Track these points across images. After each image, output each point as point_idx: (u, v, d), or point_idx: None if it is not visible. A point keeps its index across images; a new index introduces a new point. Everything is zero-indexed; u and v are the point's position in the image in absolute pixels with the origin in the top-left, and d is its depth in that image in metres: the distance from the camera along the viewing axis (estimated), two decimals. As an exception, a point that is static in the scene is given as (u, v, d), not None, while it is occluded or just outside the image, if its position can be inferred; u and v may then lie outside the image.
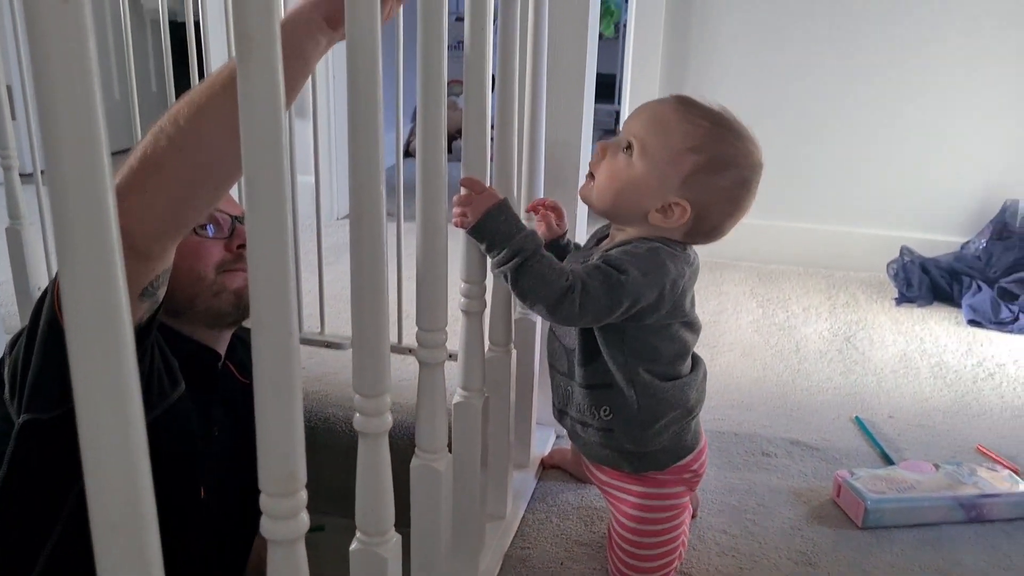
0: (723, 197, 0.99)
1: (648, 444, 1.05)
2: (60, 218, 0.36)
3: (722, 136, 0.98)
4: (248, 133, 0.47)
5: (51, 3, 0.34)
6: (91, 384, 0.39)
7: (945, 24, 2.33)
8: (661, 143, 0.98)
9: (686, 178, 0.97)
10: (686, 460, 1.07)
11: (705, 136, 0.97)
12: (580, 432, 1.09)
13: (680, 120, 0.98)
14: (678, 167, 0.97)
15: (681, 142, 0.97)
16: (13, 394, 0.92)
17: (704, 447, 1.11)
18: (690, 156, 0.97)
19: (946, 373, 1.84)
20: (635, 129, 1.00)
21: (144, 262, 0.84)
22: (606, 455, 1.08)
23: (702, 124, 0.98)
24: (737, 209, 1.01)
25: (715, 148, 0.97)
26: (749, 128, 1.01)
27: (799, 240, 2.53)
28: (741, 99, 2.41)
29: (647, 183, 0.98)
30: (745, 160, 0.99)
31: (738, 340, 1.98)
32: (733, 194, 1.00)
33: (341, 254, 2.38)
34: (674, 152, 0.97)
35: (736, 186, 0.99)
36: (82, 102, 0.35)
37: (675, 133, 0.97)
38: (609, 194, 1.01)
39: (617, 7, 4.62)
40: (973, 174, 2.42)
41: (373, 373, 0.70)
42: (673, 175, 0.97)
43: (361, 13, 0.62)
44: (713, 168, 0.97)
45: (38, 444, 0.91)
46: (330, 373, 1.63)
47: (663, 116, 0.99)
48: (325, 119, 2.65)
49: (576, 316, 0.95)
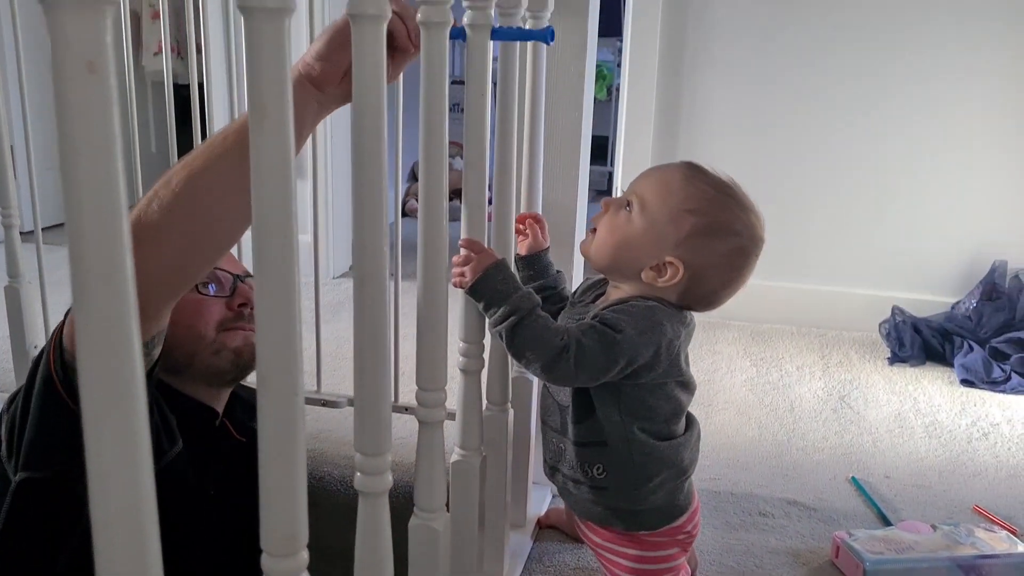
0: (720, 263, 1.00)
1: (641, 503, 1.04)
2: (79, 276, 0.37)
3: (725, 204, 0.99)
4: (259, 200, 0.49)
5: (78, 75, 0.36)
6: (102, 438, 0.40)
7: (933, 87, 2.38)
8: (661, 201, 0.99)
9: (683, 239, 0.98)
10: (680, 522, 1.07)
11: (708, 201, 0.98)
12: (572, 489, 1.08)
13: (684, 183, 0.99)
14: (676, 227, 0.98)
15: (682, 203, 0.98)
16: (11, 453, 0.92)
17: (697, 508, 1.11)
18: (689, 217, 0.98)
19: (941, 433, 1.84)
20: (638, 188, 1.02)
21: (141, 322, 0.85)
22: (598, 512, 1.07)
23: (706, 190, 0.99)
24: (733, 278, 1.01)
25: (716, 214, 0.98)
26: (756, 203, 1.02)
27: (792, 300, 2.54)
28: (732, 160, 2.45)
29: (644, 239, 0.99)
30: (746, 231, 1.00)
31: (732, 399, 1.99)
32: (730, 262, 1.00)
33: (338, 312, 2.39)
34: (674, 211, 0.98)
35: (734, 254, 1.00)
36: (105, 168, 0.37)
37: (677, 194, 0.99)
38: (606, 249, 1.02)
39: (610, 71, 4.72)
40: (962, 235, 2.46)
41: (374, 432, 0.70)
42: (671, 234, 0.98)
43: (367, 78, 0.64)
44: (712, 232, 0.98)
45: (34, 502, 0.91)
46: (326, 431, 1.63)
47: (668, 178, 1.01)
48: (323, 179, 2.68)
49: (571, 376, 0.95)
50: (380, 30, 0.63)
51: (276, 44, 0.48)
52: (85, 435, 0.40)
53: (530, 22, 1.11)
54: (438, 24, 0.76)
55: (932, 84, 2.38)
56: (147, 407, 0.91)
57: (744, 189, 1.02)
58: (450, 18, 0.77)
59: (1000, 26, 2.31)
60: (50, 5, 0.35)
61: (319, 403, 1.76)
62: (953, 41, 2.35)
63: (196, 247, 0.83)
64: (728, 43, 2.46)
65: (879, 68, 2.40)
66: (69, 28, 0.35)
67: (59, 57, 0.35)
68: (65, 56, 0.35)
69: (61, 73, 0.36)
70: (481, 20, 0.86)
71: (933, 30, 2.35)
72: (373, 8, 0.62)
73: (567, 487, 1.09)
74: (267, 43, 0.47)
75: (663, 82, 2.52)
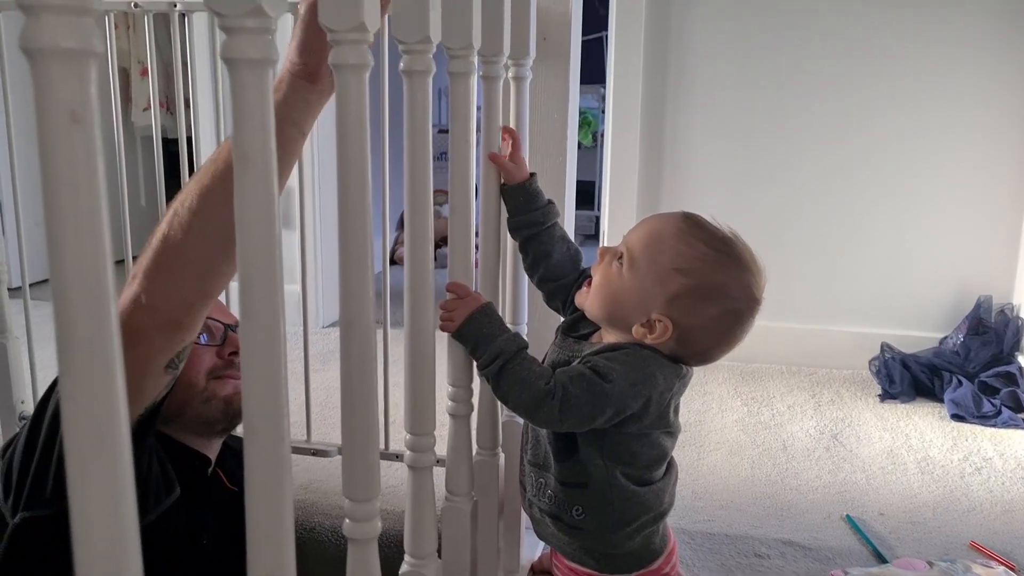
0: (710, 325, 0.96)
1: (617, 547, 1.02)
2: (64, 328, 0.38)
3: (719, 263, 0.95)
4: (244, 248, 0.49)
5: (61, 124, 0.36)
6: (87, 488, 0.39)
7: (916, 123, 2.42)
8: (651, 259, 0.95)
9: (671, 299, 0.94)
10: (656, 565, 1.04)
11: (699, 260, 0.94)
12: (549, 524, 1.05)
13: (676, 239, 0.95)
14: (664, 286, 0.94)
15: (671, 261, 0.94)
16: (7, 494, 0.92)
17: (674, 548, 1.07)
18: (678, 277, 0.94)
19: (933, 468, 1.84)
20: (631, 239, 0.99)
21: (175, 332, 0.87)
22: (573, 551, 1.05)
23: (699, 247, 0.95)
24: (726, 339, 0.98)
25: (707, 274, 0.94)
26: (757, 257, 0.97)
27: (781, 339, 2.55)
28: (716, 202, 2.49)
29: (632, 296, 0.96)
30: (740, 292, 0.95)
31: (724, 440, 1.98)
32: (721, 324, 0.96)
33: (327, 361, 2.39)
34: (662, 270, 0.94)
35: (725, 316, 0.96)
36: (89, 217, 0.37)
37: (667, 251, 0.95)
38: (597, 300, 0.99)
39: (595, 117, 4.78)
40: (947, 270, 2.48)
41: (363, 478, 0.70)
42: (659, 293, 0.94)
43: (351, 128, 0.65)
44: (701, 294, 0.94)
45: (35, 542, 0.90)
46: (317, 481, 1.62)
47: (660, 232, 0.97)
48: (311, 228, 2.69)
49: (556, 421, 0.93)
50: (362, 80, 0.65)
51: (259, 94, 0.49)
52: (69, 486, 0.40)
53: (512, 70, 1.13)
54: (420, 72, 0.78)
55: (913, 122, 2.42)
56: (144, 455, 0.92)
57: (745, 242, 0.98)
58: (432, 67, 0.79)
59: (981, 57, 2.36)
60: (35, 55, 0.35)
61: (309, 452, 1.74)
62: (931, 78, 2.39)
63: (220, 257, 0.86)
64: (709, 88, 2.51)
65: (860, 107, 2.44)
66: (54, 77, 0.36)
67: (43, 106, 0.36)
68: (49, 105, 0.36)
69: (45, 122, 0.36)
70: (463, 68, 0.88)
71: (911, 67, 2.40)
72: (355, 58, 0.63)
73: (544, 521, 1.06)
74: (250, 93, 0.48)
75: (646, 127, 2.55)
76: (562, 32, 1.24)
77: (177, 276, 0.85)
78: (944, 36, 2.37)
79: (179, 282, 0.85)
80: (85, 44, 0.36)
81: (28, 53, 0.35)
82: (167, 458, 1.04)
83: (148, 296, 0.84)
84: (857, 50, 2.41)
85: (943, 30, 2.36)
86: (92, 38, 0.36)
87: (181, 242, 0.84)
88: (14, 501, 0.92)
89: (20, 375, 1.65)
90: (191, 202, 0.83)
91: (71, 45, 0.35)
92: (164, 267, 0.84)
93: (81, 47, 0.36)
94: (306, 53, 0.84)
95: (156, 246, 0.84)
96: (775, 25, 2.44)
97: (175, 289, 0.85)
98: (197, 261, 0.85)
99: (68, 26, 0.35)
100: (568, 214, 1.36)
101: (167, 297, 0.84)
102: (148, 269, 0.84)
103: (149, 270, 0.84)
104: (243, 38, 0.48)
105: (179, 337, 0.89)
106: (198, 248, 0.84)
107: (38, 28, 0.35)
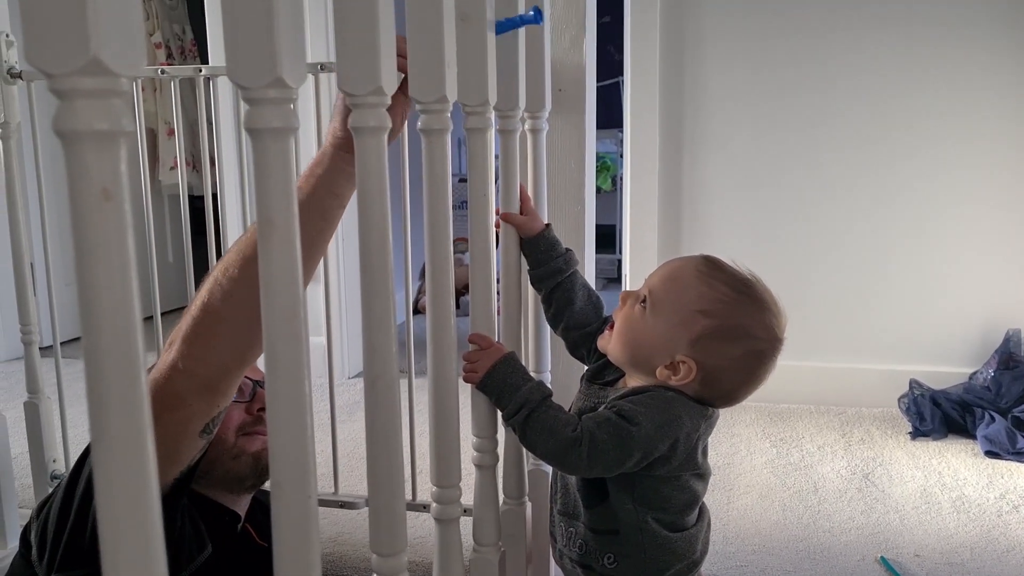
0: (734, 366, 0.97)
1: None
2: (96, 397, 0.39)
3: (741, 304, 0.96)
4: (268, 309, 0.50)
5: (94, 201, 0.38)
6: (119, 551, 0.40)
7: (940, 159, 2.42)
8: (673, 301, 0.97)
9: (694, 340, 0.95)
10: None
11: (721, 301, 0.95)
12: (581, 574, 1.05)
13: (698, 281, 0.97)
14: (687, 328, 0.95)
15: (694, 303, 0.96)
16: (41, 556, 0.93)
17: None
18: (700, 319, 0.95)
19: (969, 507, 1.80)
20: (653, 282, 1.00)
21: (212, 397, 0.89)
22: None
23: (720, 288, 0.96)
24: (750, 380, 0.98)
25: (729, 315, 0.95)
26: (778, 300, 0.98)
27: (808, 378, 2.53)
28: (737, 242, 2.50)
29: (655, 339, 0.97)
30: (763, 332, 0.96)
31: (754, 482, 1.96)
32: (745, 364, 0.97)
33: (353, 412, 2.39)
34: (685, 312, 0.96)
35: (749, 356, 0.97)
36: (121, 290, 0.38)
37: (690, 293, 0.96)
38: (619, 344, 1.00)
39: (613, 162, 4.82)
40: (975, 305, 2.46)
41: (389, 531, 0.70)
42: (682, 335, 0.96)
43: (372, 188, 0.67)
44: (724, 336, 0.95)
45: None
46: (344, 533, 1.62)
47: (682, 274, 0.98)
48: (335, 281, 2.72)
49: (584, 468, 0.93)
50: (381, 142, 0.66)
51: (283, 161, 0.50)
52: (102, 551, 0.40)
53: (528, 123, 1.15)
54: (438, 131, 0.79)
55: (934, 155, 2.43)
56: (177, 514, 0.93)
57: (764, 283, 0.99)
58: (450, 124, 0.81)
59: (1004, 95, 2.37)
60: (68, 137, 0.37)
61: (337, 505, 1.74)
62: (953, 116, 2.40)
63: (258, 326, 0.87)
64: (727, 129, 2.53)
65: (881, 139, 2.44)
66: (87, 158, 0.37)
67: (76, 185, 0.38)
68: (82, 184, 0.37)
69: (78, 200, 0.38)
70: (480, 124, 0.90)
71: (933, 104, 2.41)
72: (374, 120, 0.65)
73: (575, 572, 1.05)
74: (273, 160, 0.50)
75: (665, 170, 2.57)
76: (577, 83, 1.27)
77: (215, 342, 0.87)
78: (964, 76, 2.38)
79: (217, 348, 0.87)
80: (116, 125, 0.37)
81: (61, 135, 0.37)
82: (198, 515, 1.05)
83: (186, 361, 0.86)
84: (877, 88, 2.42)
85: (962, 69, 2.37)
86: (122, 119, 0.38)
87: (220, 309, 0.85)
88: (48, 561, 0.93)
89: (52, 434, 1.67)
90: (232, 270, 0.85)
91: (103, 127, 0.37)
92: (203, 333, 0.86)
93: (112, 128, 0.37)
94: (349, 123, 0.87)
95: (195, 312, 0.86)
96: (791, 66, 2.46)
97: (213, 355, 0.87)
98: (235, 328, 0.87)
99: (100, 109, 0.37)
100: (588, 262, 1.37)
101: (205, 362, 0.86)
102: (187, 335, 0.86)
103: (188, 336, 0.86)
104: (265, 108, 0.49)
105: (216, 402, 0.90)
106: (237, 315, 0.86)
107: (71, 111, 0.37)
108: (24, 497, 1.77)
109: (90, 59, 0.36)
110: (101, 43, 0.36)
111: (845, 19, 2.41)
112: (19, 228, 1.58)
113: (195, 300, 0.87)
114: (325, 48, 2.60)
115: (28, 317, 1.61)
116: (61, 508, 0.93)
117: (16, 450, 1.72)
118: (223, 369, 0.88)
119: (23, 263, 1.58)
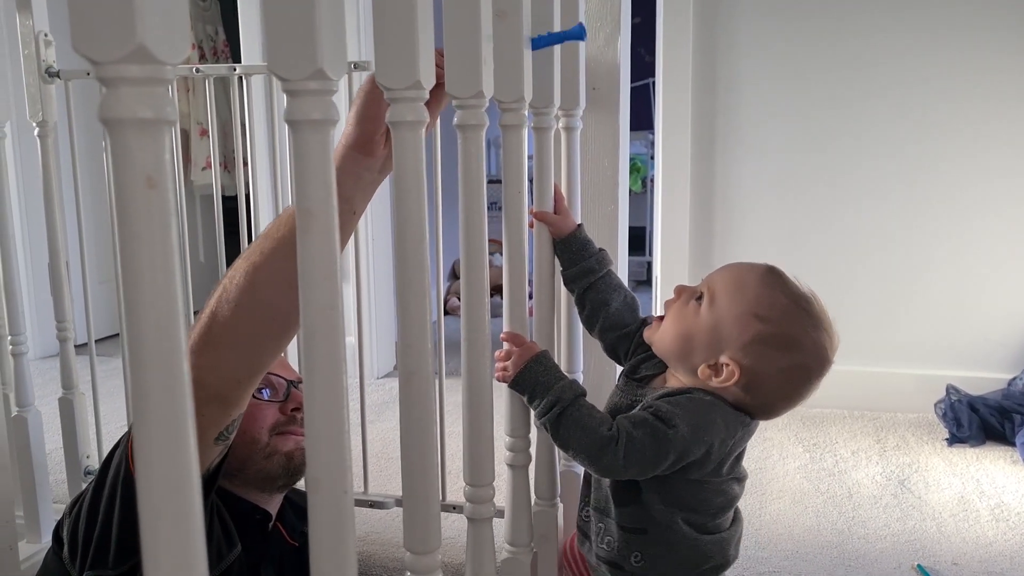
0: (778, 376, 0.96)
1: None
2: (139, 385, 0.39)
3: (797, 317, 0.95)
4: (307, 303, 0.50)
5: (139, 189, 0.38)
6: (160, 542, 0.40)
7: (977, 165, 2.38)
8: (732, 299, 0.96)
9: (745, 343, 0.94)
10: None
11: (779, 310, 0.95)
12: (607, 572, 1.03)
13: (759, 285, 0.96)
14: (740, 329, 0.94)
15: (752, 305, 0.95)
16: (74, 555, 0.94)
17: None
18: (755, 323, 0.94)
19: (1008, 515, 1.77)
20: (713, 280, 0.99)
21: (223, 407, 0.88)
22: None
23: (781, 298, 0.95)
24: (791, 394, 0.98)
25: (784, 324, 0.95)
26: (833, 323, 0.98)
27: (842, 382, 2.48)
28: (770, 244, 2.47)
29: (706, 335, 0.96)
30: (813, 349, 0.96)
31: (787, 487, 1.94)
32: (790, 377, 0.96)
33: (382, 412, 2.40)
34: (742, 312, 0.95)
35: (795, 369, 0.96)
36: (164, 278, 0.38)
37: (749, 295, 0.96)
38: (669, 337, 0.99)
39: (644, 164, 4.80)
40: (1013, 310, 2.41)
41: (424, 529, 0.70)
42: (734, 335, 0.95)
43: (409, 182, 0.66)
44: (775, 343, 0.94)
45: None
46: (374, 533, 1.62)
47: (744, 277, 0.98)
48: (366, 281, 2.73)
49: (620, 468, 0.92)
50: (419, 136, 0.66)
51: (321, 153, 0.50)
52: (142, 541, 0.40)
53: (563, 120, 1.15)
54: (474, 127, 0.79)
55: (971, 159, 2.39)
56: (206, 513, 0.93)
57: (823, 304, 0.98)
58: (485, 120, 0.80)
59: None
60: (113, 125, 0.37)
61: (367, 504, 1.75)
62: (989, 122, 2.36)
63: (266, 336, 0.86)
64: (760, 132, 2.50)
65: (917, 143, 2.41)
66: (131, 145, 0.37)
67: (121, 173, 0.38)
68: (127, 172, 0.37)
69: (123, 188, 0.38)
70: (515, 121, 0.89)
71: (969, 111, 2.37)
72: (412, 115, 0.65)
73: (601, 570, 1.04)
74: (313, 151, 0.50)
75: (696, 172, 2.55)
76: (611, 82, 1.26)
77: (224, 352, 0.85)
78: (1003, 82, 2.34)
79: (226, 358, 0.86)
80: (160, 113, 0.37)
81: (106, 123, 0.37)
82: (229, 514, 1.05)
83: (195, 371, 0.85)
84: (915, 92, 2.39)
85: (1001, 75, 2.34)
86: (166, 107, 0.38)
87: (229, 319, 0.84)
88: (80, 561, 0.93)
89: (85, 430, 1.69)
90: (240, 279, 0.84)
91: (147, 115, 0.37)
92: (212, 343, 0.85)
93: (156, 116, 0.37)
94: (364, 121, 0.85)
95: (204, 321, 0.85)
96: (826, 71, 2.44)
97: (223, 365, 0.86)
98: (244, 338, 0.86)
99: (144, 96, 0.37)
100: (621, 261, 1.36)
101: (214, 372, 0.85)
102: (196, 344, 0.84)
103: (197, 345, 0.84)
104: (306, 100, 0.49)
105: (227, 412, 0.89)
106: (246, 325, 0.85)
107: (116, 99, 0.37)
108: (58, 492, 1.78)
109: (136, 46, 0.36)
110: (147, 30, 0.36)
111: (882, 24, 2.38)
112: (56, 226, 1.60)
113: (205, 308, 0.86)
114: (357, 47, 2.61)
115: (64, 314, 1.62)
116: (90, 507, 0.93)
117: (50, 446, 1.74)
118: (233, 379, 0.87)
119: (59, 261, 1.60)
